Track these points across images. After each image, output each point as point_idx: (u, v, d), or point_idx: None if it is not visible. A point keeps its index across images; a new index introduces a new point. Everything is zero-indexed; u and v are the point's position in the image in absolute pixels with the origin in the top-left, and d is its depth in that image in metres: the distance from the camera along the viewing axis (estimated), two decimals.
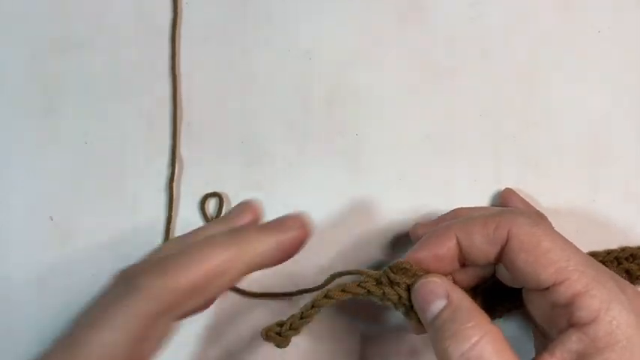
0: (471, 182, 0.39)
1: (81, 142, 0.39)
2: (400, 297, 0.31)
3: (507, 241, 0.29)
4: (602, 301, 0.27)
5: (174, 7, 0.41)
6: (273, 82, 0.40)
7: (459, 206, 0.36)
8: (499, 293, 0.33)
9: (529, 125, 0.39)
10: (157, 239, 0.38)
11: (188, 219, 0.39)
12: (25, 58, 0.40)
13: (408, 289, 0.31)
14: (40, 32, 0.41)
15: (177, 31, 0.41)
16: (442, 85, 0.40)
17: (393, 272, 0.31)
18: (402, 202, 0.38)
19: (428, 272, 0.32)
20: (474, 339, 0.27)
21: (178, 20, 0.41)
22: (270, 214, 0.38)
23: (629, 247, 0.37)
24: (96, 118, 0.40)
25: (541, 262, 0.28)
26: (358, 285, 0.32)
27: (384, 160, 0.39)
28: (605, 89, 0.40)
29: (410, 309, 0.31)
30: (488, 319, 0.28)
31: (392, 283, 0.31)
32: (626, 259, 0.36)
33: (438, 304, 0.29)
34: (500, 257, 0.30)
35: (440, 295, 0.29)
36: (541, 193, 0.38)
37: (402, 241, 0.38)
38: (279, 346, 0.32)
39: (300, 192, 0.39)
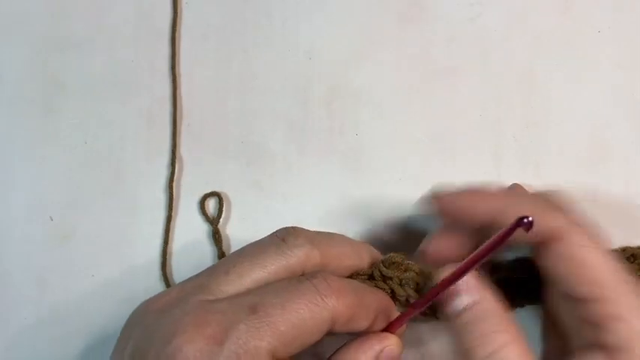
0: (471, 182, 0.39)
1: (81, 142, 0.39)
2: (393, 291, 0.31)
3: (552, 241, 0.29)
4: (635, 332, 0.27)
5: (174, 7, 0.41)
6: (273, 82, 0.40)
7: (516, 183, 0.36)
8: (517, 284, 0.32)
9: (529, 125, 0.39)
10: (157, 239, 0.38)
11: (188, 219, 0.39)
12: (25, 58, 0.40)
13: (401, 283, 0.31)
14: (40, 32, 0.41)
15: (177, 31, 0.41)
16: (442, 85, 0.40)
17: (385, 266, 0.31)
18: (402, 202, 0.38)
19: (425, 263, 0.31)
20: (499, 344, 0.27)
21: (178, 20, 0.41)
22: (269, 214, 0.38)
23: (630, 247, 0.36)
24: (96, 118, 0.40)
25: (580, 275, 0.28)
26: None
27: (384, 160, 0.39)
28: (605, 89, 0.40)
29: (405, 303, 0.31)
30: (515, 322, 0.28)
31: (384, 278, 0.31)
32: (627, 259, 0.36)
33: (463, 300, 0.28)
34: (537, 248, 0.29)
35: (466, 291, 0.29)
36: None
37: (402, 240, 0.38)
38: None
39: (300, 192, 0.39)
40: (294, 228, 0.31)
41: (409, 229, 0.38)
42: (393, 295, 0.32)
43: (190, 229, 0.38)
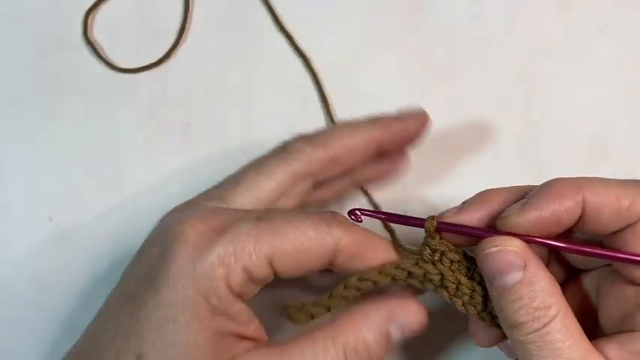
0: (471, 182, 0.39)
1: (80, 142, 0.39)
2: (443, 276, 0.30)
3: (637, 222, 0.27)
4: None
5: (186, 7, 0.41)
6: (273, 82, 0.40)
7: (487, 188, 0.32)
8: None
9: (529, 125, 0.39)
10: None
11: None
12: (24, 58, 0.40)
13: (451, 267, 0.29)
14: (40, 32, 0.41)
15: (185, 29, 0.41)
16: (442, 85, 0.40)
17: (433, 247, 0.30)
18: (402, 202, 0.38)
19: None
20: (547, 319, 0.26)
21: (189, 19, 0.41)
22: None
23: None
24: (95, 118, 0.40)
25: None
26: (396, 267, 0.30)
27: None
28: (605, 89, 0.40)
29: (455, 292, 0.30)
30: (562, 294, 0.27)
31: (433, 260, 0.30)
32: None
33: (514, 277, 0.27)
34: (615, 233, 0.28)
35: (517, 266, 0.27)
36: None
37: (402, 241, 0.38)
38: (297, 322, 0.30)
39: None
40: (296, 136, 0.32)
41: (408, 229, 0.38)
42: (442, 282, 0.29)
43: None
